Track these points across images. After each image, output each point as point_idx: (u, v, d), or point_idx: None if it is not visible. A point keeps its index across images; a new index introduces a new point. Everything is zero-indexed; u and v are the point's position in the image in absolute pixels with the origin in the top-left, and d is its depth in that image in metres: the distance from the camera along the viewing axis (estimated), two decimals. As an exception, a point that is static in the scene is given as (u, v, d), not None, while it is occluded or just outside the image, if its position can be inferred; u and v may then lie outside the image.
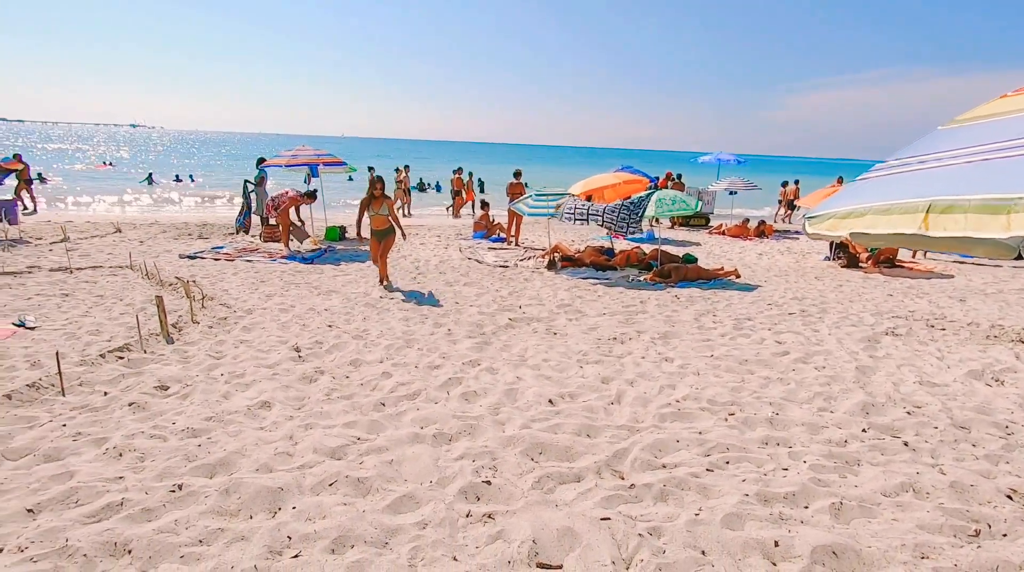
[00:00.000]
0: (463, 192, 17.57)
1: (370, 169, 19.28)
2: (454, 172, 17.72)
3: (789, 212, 17.84)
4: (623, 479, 2.90)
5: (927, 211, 1.32)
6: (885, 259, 10.05)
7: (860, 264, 10.02)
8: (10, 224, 11.04)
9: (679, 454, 3.15)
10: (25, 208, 14.27)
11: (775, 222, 16.91)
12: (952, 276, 9.20)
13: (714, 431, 3.43)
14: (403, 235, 7.46)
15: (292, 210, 12.43)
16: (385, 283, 7.39)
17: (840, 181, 15.70)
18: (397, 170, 18.49)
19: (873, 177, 1.78)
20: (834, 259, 10.46)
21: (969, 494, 2.79)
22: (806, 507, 2.68)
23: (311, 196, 9.97)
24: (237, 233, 12.07)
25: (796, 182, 18.28)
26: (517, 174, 12.55)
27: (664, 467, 3.01)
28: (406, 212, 17.78)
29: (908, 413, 3.77)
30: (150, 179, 27.42)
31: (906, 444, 3.32)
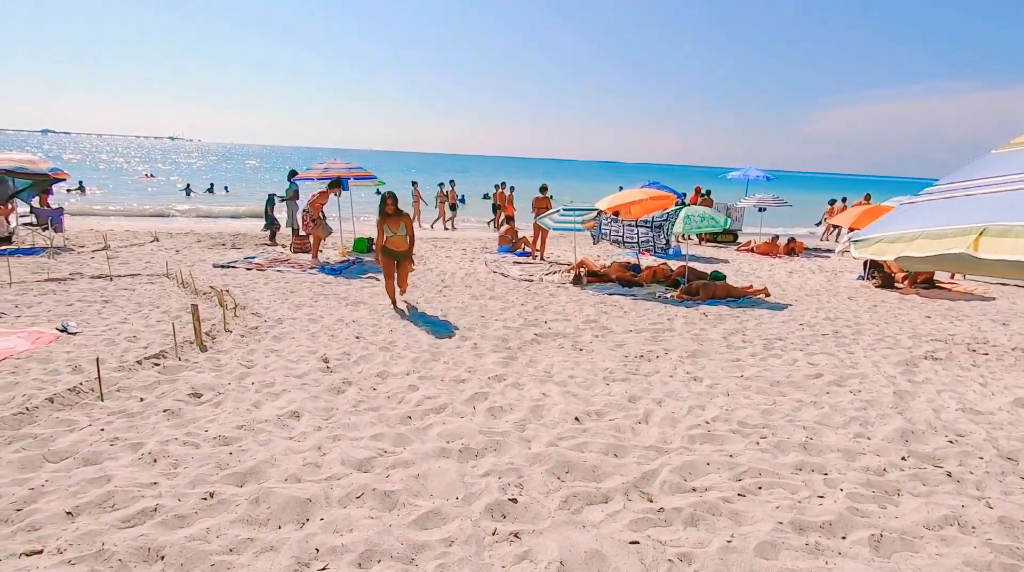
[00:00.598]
0: (503, 206, 17.71)
1: (413, 183, 19.55)
2: (496, 187, 17.86)
3: (834, 230, 16.85)
4: (652, 501, 2.84)
5: (980, 234, 1.27)
6: (923, 280, 9.75)
7: (896, 284, 9.74)
8: (56, 232, 11.50)
9: (709, 477, 3.08)
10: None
11: (822, 240, 16.21)
12: (994, 298, 8.87)
13: (745, 454, 3.35)
14: (411, 262, 7.06)
15: (297, 216, 12.74)
16: (398, 306, 6.89)
17: (868, 198, 15.26)
18: (440, 185, 18.79)
19: (922, 201, 1.73)
20: (868, 278, 10.18)
21: (1020, 530, 2.65)
22: (843, 538, 2.58)
23: (336, 185, 10.32)
24: (269, 233, 12.45)
25: (843, 200, 17.33)
26: (543, 188, 12.59)
27: (694, 490, 2.94)
28: (452, 226, 18.35)
29: (951, 442, 3.62)
30: (188, 190, 28.43)
31: (949, 474, 3.19)
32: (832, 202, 17.42)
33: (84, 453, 3.04)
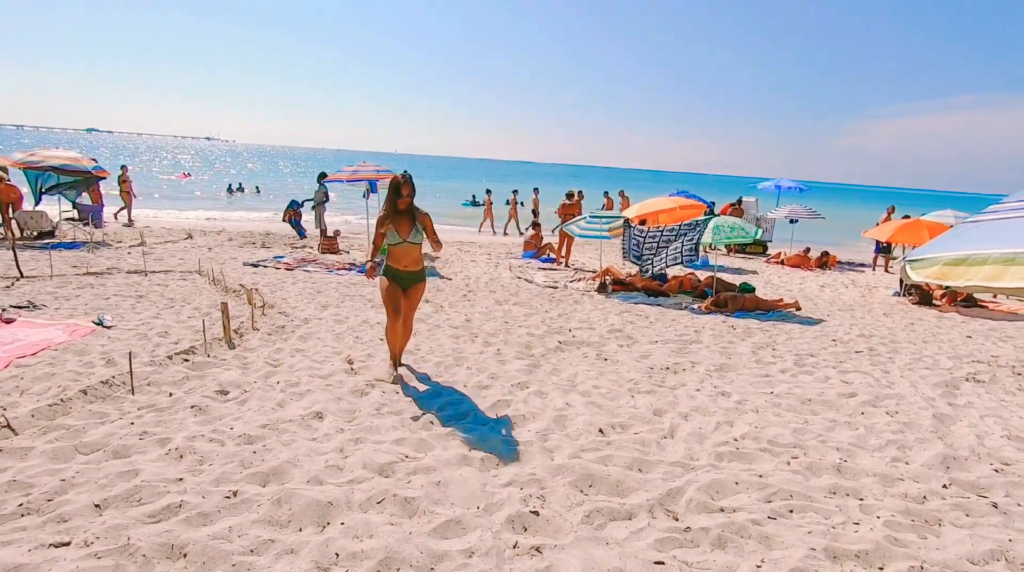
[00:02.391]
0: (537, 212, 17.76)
1: (488, 191, 19.19)
2: (535, 192, 17.92)
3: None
4: (677, 520, 2.76)
5: None
6: (963, 298, 9.38)
7: (934, 301, 9.39)
8: (95, 228, 11.89)
9: (738, 497, 2.98)
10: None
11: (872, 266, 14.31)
12: (1041, 319, 8.47)
13: (776, 475, 3.23)
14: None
15: (324, 217, 12.86)
16: (398, 370, 4.56)
17: (892, 210, 14.68)
18: (515, 191, 18.70)
19: (987, 219, 1.63)
20: (904, 295, 9.85)
21: (1073, 569, 2.49)
22: (881, 568, 2.46)
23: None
24: (301, 239, 12.65)
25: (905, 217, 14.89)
26: (569, 195, 12.54)
27: (722, 511, 2.85)
28: (519, 230, 17.57)
29: (996, 470, 3.44)
30: (230, 189, 29.43)
31: (995, 505, 3.02)
32: (893, 208, 15.55)
33: (114, 446, 3.10)
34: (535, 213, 15.15)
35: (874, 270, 13.79)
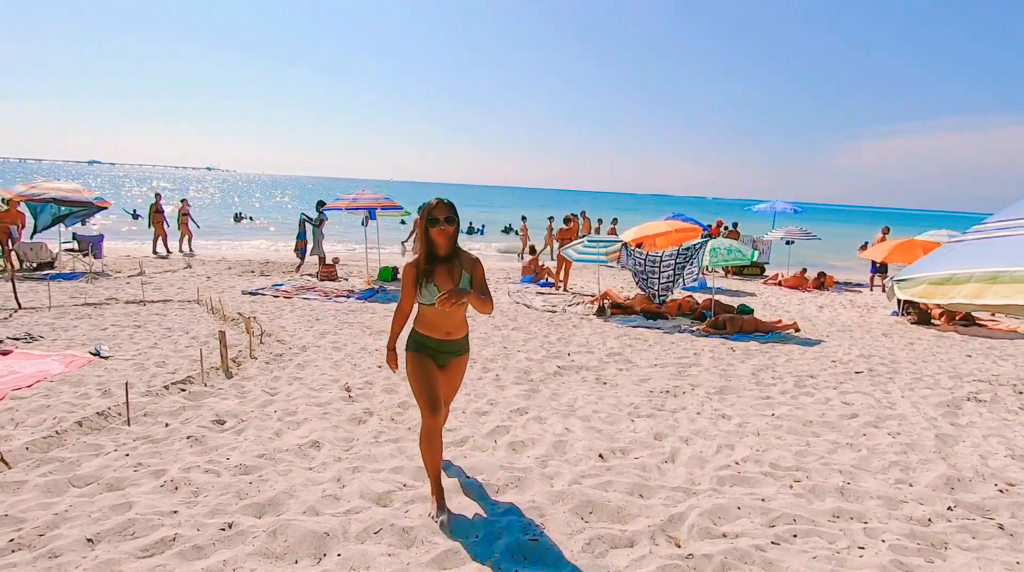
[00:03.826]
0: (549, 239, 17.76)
1: (523, 218, 18.47)
2: (549, 219, 18.04)
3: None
4: (679, 547, 2.71)
5: None
6: (961, 317, 9.39)
7: (932, 321, 9.40)
8: (95, 258, 11.92)
9: (740, 523, 2.93)
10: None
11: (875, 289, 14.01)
12: (1040, 337, 8.47)
13: (778, 499, 3.19)
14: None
15: (324, 245, 12.91)
16: (444, 517, 2.80)
17: (887, 230, 14.76)
18: (550, 218, 18.03)
19: (971, 239, 1.66)
20: (903, 314, 9.86)
21: (1083, 592, 2.45)
22: (888, 594, 2.41)
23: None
24: (300, 267, 12.65)
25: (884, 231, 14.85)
26: (567, 219, 12.64)
27: (724, 536, 2.80)
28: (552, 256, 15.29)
29: (1001, 491, 3.40)
30: (237, 217, 29.91)
31: (1001, 527, 2.98)
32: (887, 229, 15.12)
33: (108, 478, 3.06)
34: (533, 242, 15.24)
35: (871, 290, 13.82)
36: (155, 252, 15.09)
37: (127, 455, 3.37)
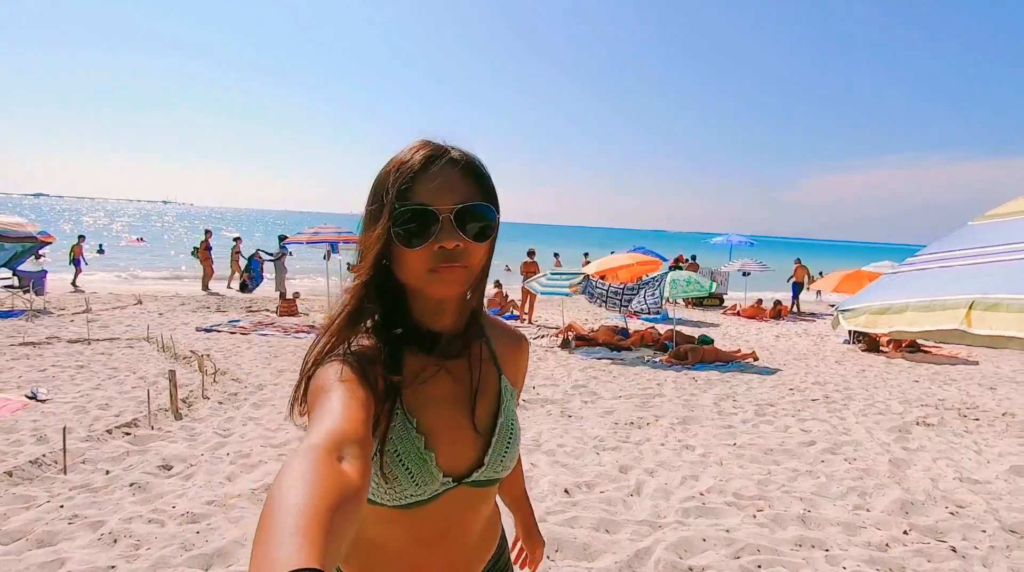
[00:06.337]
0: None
1: (556, 255, 17.52)
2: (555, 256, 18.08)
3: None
4: (646, 583, 2.68)
5: (970, 308, 1.29)
6: (908, 344, 9.83)
7: (881, 348, 9.80)
8: (36, 295, 11.32)
9: (706, 555, 2.92)
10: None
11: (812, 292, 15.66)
12: (977, 362, 8.93)
13: (742, 529, 3.21)
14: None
15: (285, 283, 12.81)
16: None
17: (798, 261, 15.53)
18: (556, 254, 17.60)
19: (907, 271, 1.76)
20: (854, 342, 10.25)
21: (1032, 612, 2.52)
22: (850, 622, 2.43)
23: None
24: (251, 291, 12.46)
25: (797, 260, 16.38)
26: (531, 253, 12.78)
27: (691, 570, 2.78)
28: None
29: (952, 514, 3.50)
30: (195, 252, 28.59)
31: (954, 550, 3.06)
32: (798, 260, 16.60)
33: (38, 533, 2.83)
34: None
35: (797, 311, 14.40)
36: (206, 288, 14.96)
37: (61, 506, 3.13)
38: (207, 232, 15.67)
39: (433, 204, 0.75)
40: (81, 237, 15.61)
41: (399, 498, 0.79)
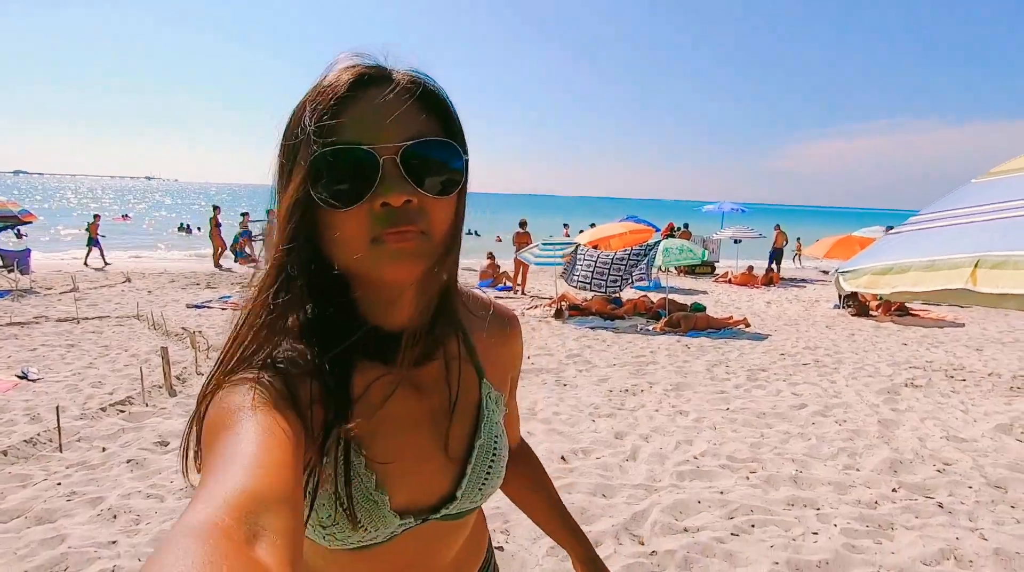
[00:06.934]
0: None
1: (565, 225, 18.28)
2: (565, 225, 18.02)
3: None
4: (643, 544, 2.73)
5: (975, 266, 1.27)
6: (896, 307, 9.94)
7: (871, 312, 9.91)
8: (22, 274, 11.14)
9: (701, 516, 2.98)
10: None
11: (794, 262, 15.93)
12: (964, 325, 9.06)
13: (736, 490, 3.27)
14: None
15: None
16: None
17: (777, 227, 15.62)
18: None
19: (908, 230, 1.74)
20: (844, 307, 10.36)
21: (1016, 563, 2.60)
22: (841, 577, 2.50)
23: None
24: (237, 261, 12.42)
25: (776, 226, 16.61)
26: (523, 224, 12.70)
27: (686, 531, 2.84)
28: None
29: (939, 471, 3.59)
30: (181, 227, 28.18)
31: (940, 505, 3.14)
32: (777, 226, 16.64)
33: (37, 511, 2.83)
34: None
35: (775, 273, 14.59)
36: (218, 265, 14.76)
37: (59, 484, 3.13)
38: (215, 208, 15.34)
39: (369, 142, 0.52)
40: (96, 215, 15.40)
41: (342, 542, 0.61)
